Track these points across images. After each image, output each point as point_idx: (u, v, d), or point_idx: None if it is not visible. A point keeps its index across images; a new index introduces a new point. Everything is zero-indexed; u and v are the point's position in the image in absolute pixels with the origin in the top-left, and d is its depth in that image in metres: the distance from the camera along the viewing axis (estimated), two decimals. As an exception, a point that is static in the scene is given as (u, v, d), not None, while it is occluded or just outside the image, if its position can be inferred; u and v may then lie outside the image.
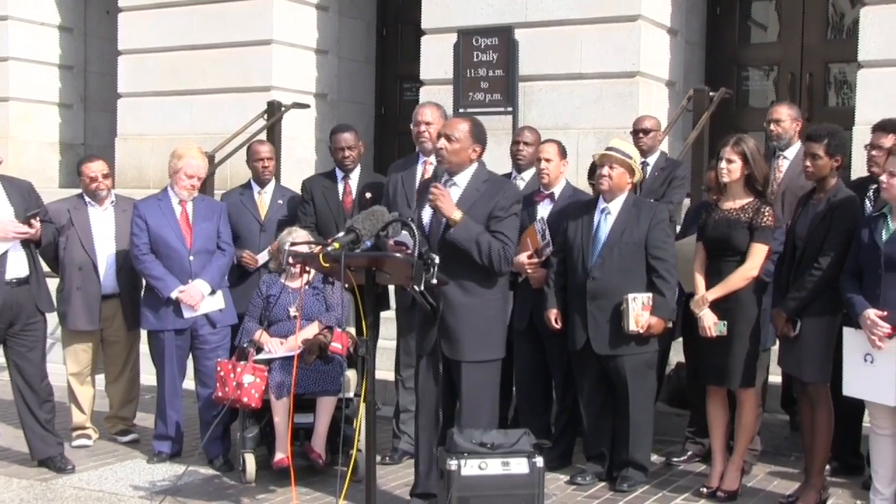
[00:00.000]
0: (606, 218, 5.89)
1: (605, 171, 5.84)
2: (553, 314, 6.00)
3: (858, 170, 7.83)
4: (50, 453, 6.29)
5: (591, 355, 5.87)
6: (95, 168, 6.80)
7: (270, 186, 7.20)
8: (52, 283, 6.72)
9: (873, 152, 5.88)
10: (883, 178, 5.09)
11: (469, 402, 5.22)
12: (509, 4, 9.67)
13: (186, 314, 6.33)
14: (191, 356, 6.54)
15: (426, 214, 5.26)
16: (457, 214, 5.10)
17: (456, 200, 5.21)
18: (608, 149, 5.90)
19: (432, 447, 5.30)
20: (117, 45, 12.05)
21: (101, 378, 7.11)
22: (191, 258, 6.35)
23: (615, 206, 5.88)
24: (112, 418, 7.08)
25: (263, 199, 7.14)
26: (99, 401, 7.13)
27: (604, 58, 9.35)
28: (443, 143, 5.23)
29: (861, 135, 7.94)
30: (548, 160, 6.25)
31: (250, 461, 6.03)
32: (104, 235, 6.79)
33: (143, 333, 6.80)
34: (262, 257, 6.90)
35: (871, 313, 4.97)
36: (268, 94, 10.79)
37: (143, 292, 6.61)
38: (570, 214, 6.04)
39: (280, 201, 7.15)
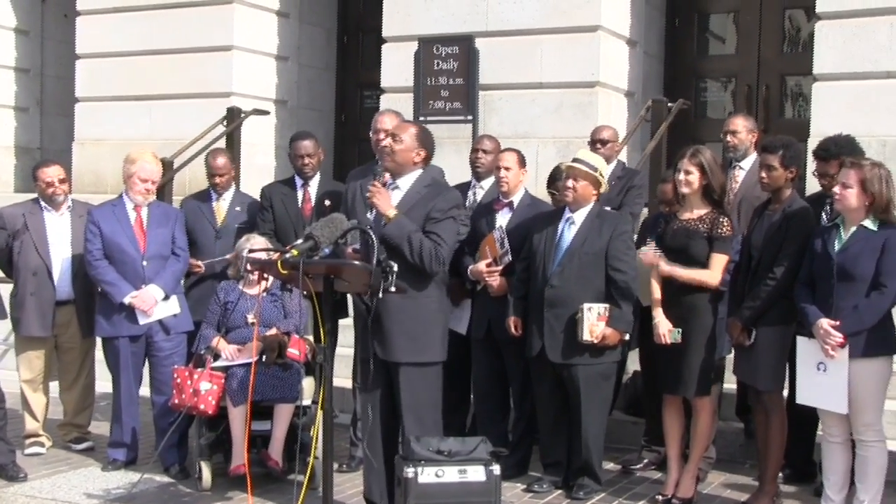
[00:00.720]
0: (570, 227, 5.92)
1: (570, 183, 5.87)
2: (513, 321, 6.02)
3: (813, 181, 7.92)
4: (1, 461, 6.21)
5: (547, 363, 5.89)
6: (52, 173, 6.73)
7: (229, 194, 7.17)
8: (6, 289, 6.64)
9: (823, 181, 5.91)
10: (836, 189, 5.16)
11: (409, 407, 5.22)
12: (470, 13, 9.70)
13: (141, 320, 6.27)
14: (146, 363, 6.48)
15: (368, 217, 5.30)
16: (391, 212, 5.13)
17: (397, 203, 5.24)
18: (574, 160, 5.93)
19: (368, 452, 5.31)
20: (75, 48, 11.94)
21: (54, 385, 7.03)
22: (144, 263, 6.30)
23: (580, 216, 5.92)
24: (66, 426, 7.00)
25: (221, 206, 7.12)
26: (53, 408, 7.05)
27: (564, 68, 9.40)
28: (388, 140, 5.30)
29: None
30: (507, 168, 6.28)
31: (206, 469, 6.01)
32: (60, 241, 6.72)
33: (98, 340, 6.75)
34: (208, 262, 6.88)
35: (824, 322, 5.04)
36: (227, 100, 10.72)
37: (97, 300, 6.53)
38: (537, 223, 6.07)
39: (238, 208, 7.12)
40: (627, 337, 5.91)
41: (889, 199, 5.06)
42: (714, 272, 5.59)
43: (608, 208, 6.33)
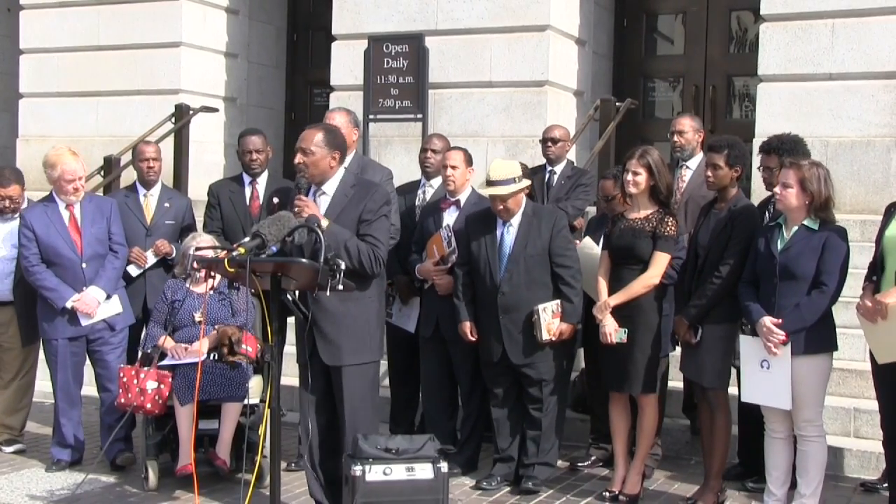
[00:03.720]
0: (509, 230, 5.95)
1: (500, 206, 5.88)
2: (467, 327, 6.04)
3: (759, 181, 8.04)
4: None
5: (506, 365, 5.94)
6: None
7: (156, 189, 7.06)
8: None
9: (763, 174, 6.01)
10: (776, 189, 5.25)
11: (351, 407, 5.21)
12: (420, 12, 9.72)
13: (83, 321, 6.18)
14: (89, 360, 6.40)
15: None
16: (324, 222, 5.07)
17: (326, 209, 5.19)
18: (491, 184, 5.85)
19: (313, 454, 5.30)
20: (19, 43, 11.78)
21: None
22: (83, 265, 6.19)
23: (515, 218, 5.96)
24: None
25: (149, 201, 7.00)
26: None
27: (513, 67, 9.46)
28: (299, 157, 5.19)
29: (761, 147, 8.16)
30: (454, 167, 6.29)
31: (153, 468, 5.96)
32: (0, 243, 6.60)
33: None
34: (151, 257, 6.82)
35: (767, 321, 5.11)
36: (176, 97, 10.66)
37: (38, 304, 6.37)
38: (472, 226, 6.08)
39: (167, 204, 7.03)
40: (580, 326, 5.99)
41: (827, 197, 5.15)
42: (654, 271, 5.65)
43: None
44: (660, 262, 5.65)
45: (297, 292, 4.78)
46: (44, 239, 6.18)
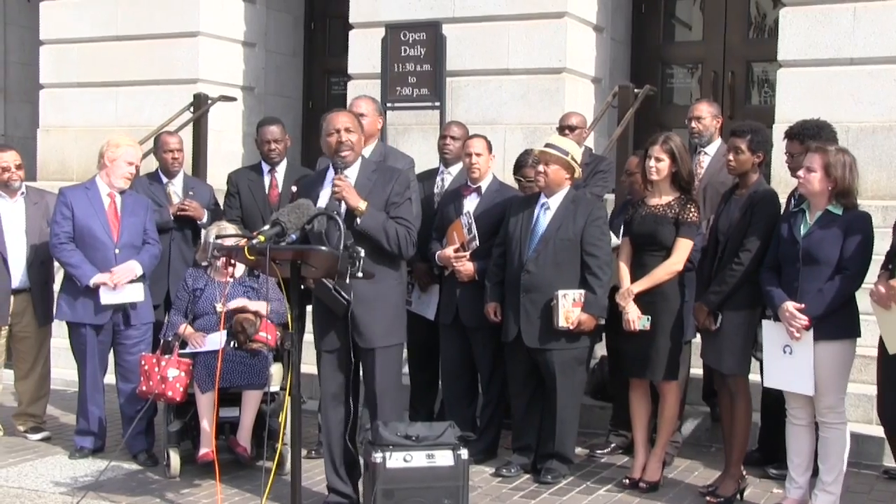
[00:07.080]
0: (545, 213, 5.94)
1: (541, 167, 5.89)
2: (492, 308, 6.04)
3: (778, 167, 8.00)
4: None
5: (522, 348, 5.92)
6: (8, 158, 6.64)
7: (179, 178, 7.11)
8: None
9: (787, 161, 5.97)
10: (800, 173, 5.21)
11: (381, 389, 5.26)
12: (437, -1, 9.71)
13: (104, 299, 6.12)
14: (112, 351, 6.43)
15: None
16: (362, 204, 5.11)
17: None
18: (546, 145, 5.95)
19: (342, 441, 5.31)
20: (39, 34, 11.82)
21: (8, 374, 6.94)
22: (116, 251, 6.20)
23: (555, 201, 5.94)
24: (21, 415, 6.91)
25: (172, 191, 7.05)
26: (4, 397, 6.95)
27: (530, 54, 9.43)
28: (344, 136, 5.22)
29: (780, 132, 8.08)
30: (478, 154, 6.29)
31: (175, 456, 5.99)
32: (14, 228, 6.63)
33: (55, 328, 6.66)
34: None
35: (790, 305, 5.08)
36: (194, 86, 10.68)
37: (62, 282, 6.42)
38: (513, 208, 6.09)
39: (190, 193, 7.06)
40: (602, 322, 5.91)
41: (850, 184, 5.11)
42: (677, 257, 5.64)
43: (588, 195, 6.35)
44: (683, 249, 5.63)
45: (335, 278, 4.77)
46: (81, 219, 6.19)
